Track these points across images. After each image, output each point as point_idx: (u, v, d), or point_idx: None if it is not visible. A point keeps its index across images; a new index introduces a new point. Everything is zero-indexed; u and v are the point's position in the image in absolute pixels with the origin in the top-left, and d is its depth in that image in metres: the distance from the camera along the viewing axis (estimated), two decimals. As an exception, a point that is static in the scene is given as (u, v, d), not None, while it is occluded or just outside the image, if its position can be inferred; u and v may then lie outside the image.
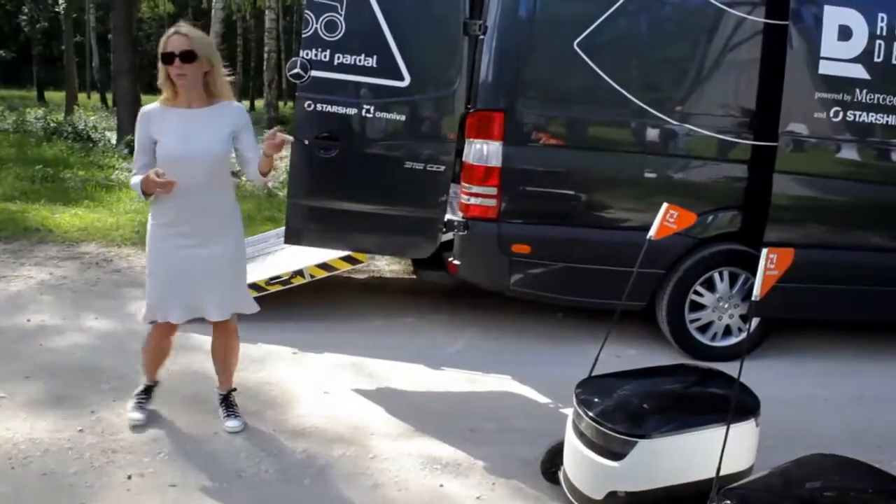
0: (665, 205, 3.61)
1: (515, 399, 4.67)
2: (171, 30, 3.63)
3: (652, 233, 3.60)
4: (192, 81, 3.61)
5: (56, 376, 4.38)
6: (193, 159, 3.61)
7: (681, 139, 5.26)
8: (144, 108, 3.75)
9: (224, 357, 4.13)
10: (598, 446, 3.13)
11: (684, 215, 3.60)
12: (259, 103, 31.20)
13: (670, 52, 5.28)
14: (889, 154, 5.39)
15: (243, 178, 9.53)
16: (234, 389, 4.20)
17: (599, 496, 3.12)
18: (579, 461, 3.24)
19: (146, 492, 3.43)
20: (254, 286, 5.52)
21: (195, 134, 3.64)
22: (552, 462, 3.53)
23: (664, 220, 3.59)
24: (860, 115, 5.17)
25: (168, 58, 3.55)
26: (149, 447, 3.79)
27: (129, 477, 3.52)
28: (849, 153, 5.35)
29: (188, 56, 3.53)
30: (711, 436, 2.97)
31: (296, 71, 4.93)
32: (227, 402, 4.14)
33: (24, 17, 36.18)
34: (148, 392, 4.15)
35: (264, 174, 3.83)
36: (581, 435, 3.23)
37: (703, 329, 5.46)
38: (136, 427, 3.96)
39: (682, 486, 3.06)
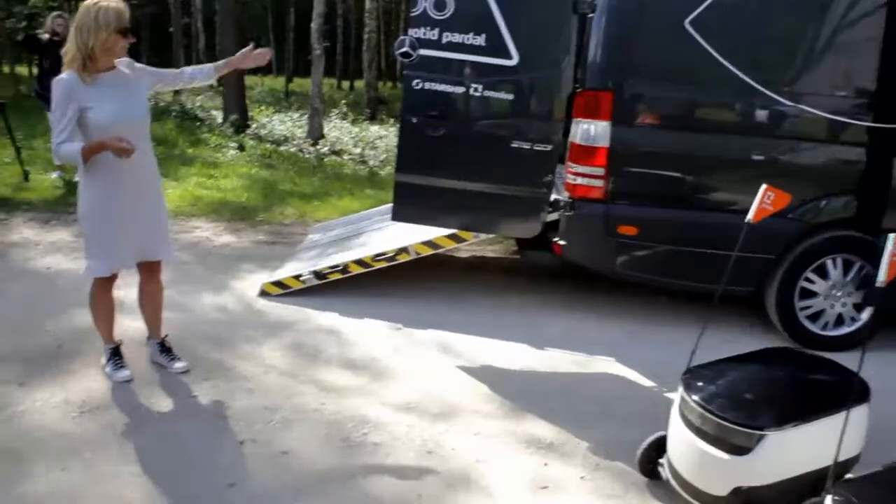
0: (763, 186, 3.53)
1: (619, 382, 4.64)
2: (118, 4, 3.84)
3: (750, 216, 3.53)
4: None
5: (177, 347, 4.53)
6: (125, 122, 3.87)
7: (795, 120, 5.09)
8: (63, 78, 3.83)
9: (154, 301, 4.41)
10: (718, 440, 3.01)
11: (780, 196, 3.52)
12: (359, 83, 31.51)
13: (786, 29, 5.12)
14: None
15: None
16: (167, 335, 4.48)
17: (723, 492, 3.01)
18: (694, 456, 3.12)
19: (258, 457, 3.54)
20: (360, 262, 5.65)
21: (121, 98, 3.88)
22: (650, 458, 3.45)
23: (762, 201, 3.52)
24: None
25: (127, 32, 3.88)
26: (260, 415, 3.91)
27: (242, 442, 3.65)
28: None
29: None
30: (830, 424, 2.89)
31: (404, 49, 4.97)
32: (168, 347, 4.45)
33: (135, 1, 37.34)
34: (117, 352, 4.32)
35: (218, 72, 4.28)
36: (695, 428, 3.11)
37: (814, 317, 5.30)
38: (126, 382, 4.17)
39: (800, 476, 2.98)
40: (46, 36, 8.86)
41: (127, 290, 4.60)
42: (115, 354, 4.31)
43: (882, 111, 5.01)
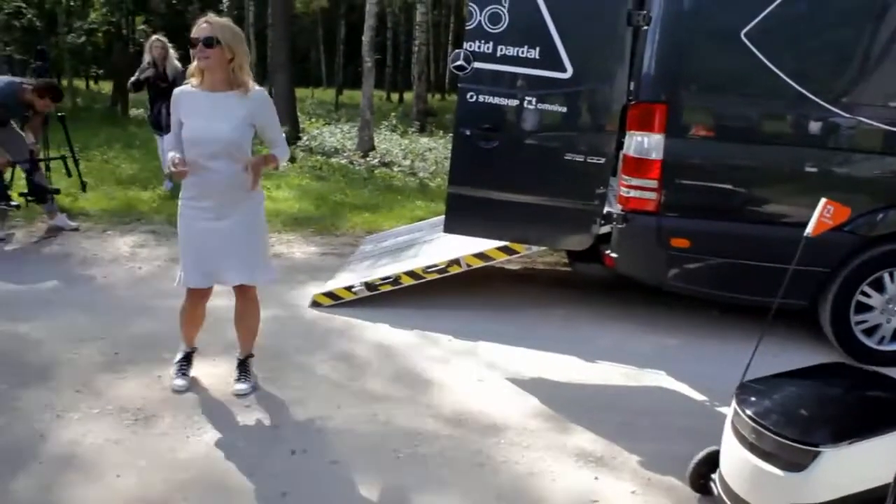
0: (823, 200, 3.48)
1: (670, 395, 4.60)
2: (201, 19, 3.90)
3: (809, 229, 3.48)
4: (213, 66, 3.85)
5: (231, 355, 4.60)
6: (210, 141, 3.87)
7: (851, 132, 5.03)
8: (176, 90, 4.03)
9: (242, 322, 4.37)
10: (773, 456, 2.96)
11: (839, 210, 3.47)
12: (408, 95, 31.68)
13: (841, 40, 5.05)
14: None
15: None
16: (252, 355, 4.43)
17: None
18: (747, 472, 3.07)
19: (309, 467, 3.58)
20: (411, 273, 5.69)
21: (214, 117, 3.88)
22: (701, 473, 3.42)
23: (821, 215, 3.47)
24: None
25: (193, 42, 3.84)
26: (311, 425, 3.97)
27: (294, 452, 3.68)
28: None
29: (209, 42, 3.79)
30: (888, 441, 2.85)
31: (459, 63, 5.01)
32: (242, 366, 4.39)
33: (189, 16, 38.02)
34: (188, 359, 4.43)
35: (275, 168, 4.25)
36: (749, 444, 3.06)
37: (870, 332, 5.22)
38: (180, 392, 4.23)
39: (857, 494, 2.92)
40: (150, 71, 9.19)
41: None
42: (184, 360, 4.40)
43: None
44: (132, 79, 9.51)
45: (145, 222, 8.21)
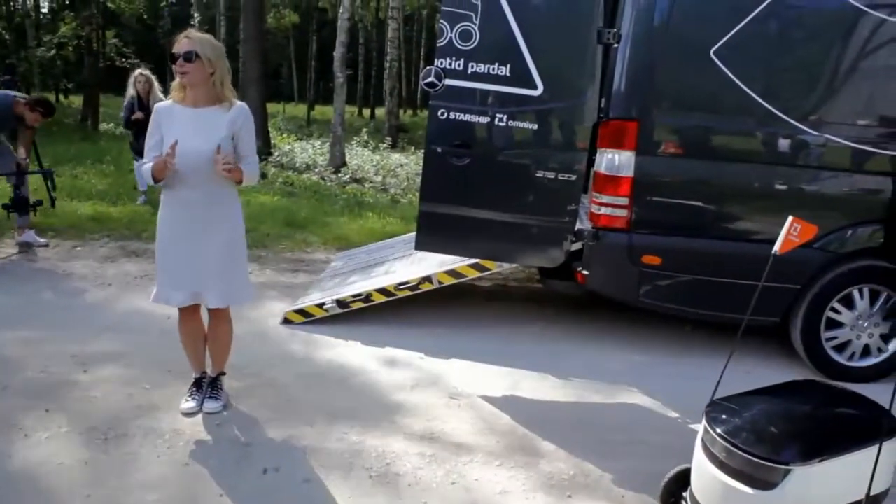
0: (790, 218, 3.51)
1: (643, 412, 4.60)
2: (181, 35, 3.90)
3: (776, 248, 3.51)
4: (194, 81, 3.85)
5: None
6: (191, 155, 3.81)
7: (820, 150, 5.07)
8: (157, 105, 4.03)
9: (216, 341, 4.31)
10: (743, 474, 2.95)
11: (806, 228, 3.50)
12: (380, 111, 31.72)
13: (810, 59, 5.10)
14: None
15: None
16: (224, 373, 4.39)
17: None
18: (719, 491, 3.05)
19: (281, 486, 3.55)
20: (383, 291, 5.67)
21: (196, 132, 3.86)
22: (672, 492, 3.40)
23: (788, 233, 3.50)
24: None
25: (173, 58, 3.84)
26: (283, 444, 3.92)
27: (265, 471, 3.64)
28: None
29: (189, 56, 3.79)
30: (860, 458, 2.85)
31: (430, 80, 5.01)
32: (214, 384, 4.34)
33: (161, 31, 37.87)
34: (198, 385, 4.33)
35: (238, 182, 4.03)
36: (719, 462, 3.05)
37: (840, 348, 5.25)
38: (189, 415, 4.16)
39: None
40: (139, 113, 9.18)
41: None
42: (193, 385, 4.33)
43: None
44: (123, 116, 9.54)
45: (116, 238, 8.13)
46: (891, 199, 5.08)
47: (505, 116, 5.04)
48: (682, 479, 3.35)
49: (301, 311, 5.74)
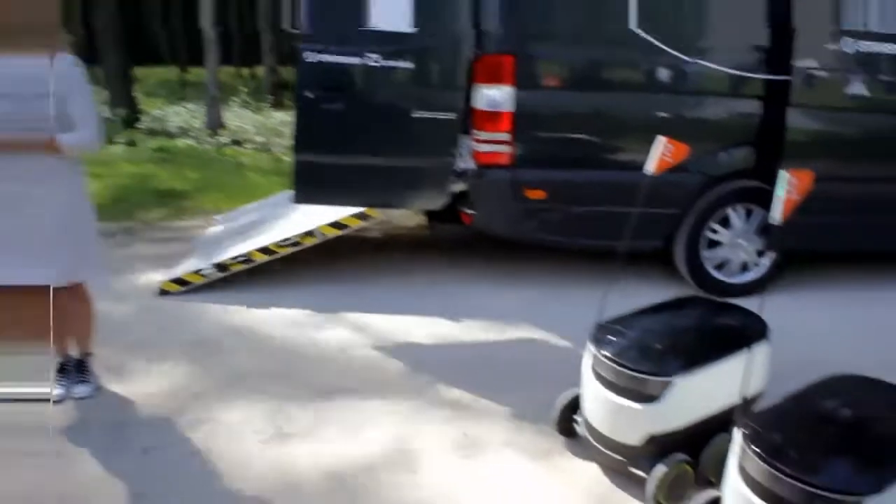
0: (661, 139, 3.56)
1: (537, 344, 4.64)
2: None
3: (650, 168, 3.57)
4: None
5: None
6: None
7: (694, 76, 5.16)
8: None
9: (74, 323, 3.93)
10: (629, 391, 3.06)
11: (679, 148, 3.59)
12: (260, 70, 30.61)
13: None
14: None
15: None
16: (90, 353, 4.02)
17: (637, 441, 3.05)
18: (607, 409, 3.16)
19: (165, 463, 3.37)
20: (264, 250, 5.45)
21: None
22: (565, 417, 3.46)
23: (661, 154, 3.57)
24: (873, 47, 5.11)
25: None
26: (164, 419, 3.73)
27: (146, 450, 3.45)
28: (861, 86, 5.23)
29: None
30: (734, 364, 3.00)
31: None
32: (81, 367, 3.99)
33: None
34: (62, 370, 3.97)
35: None
36: (606, 382, 3.15)
37: (720, 266, 5.43)
38: (58, 402, 3.80)
39: (710, 417, 3.06)
40: None
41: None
42: (59, 370, 3.94)
43: (775, 64, 5.11)
44: None
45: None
46: (761, 121, 5.23)
47: (379, 57, 4.90)
48: (574, 404, 3.42)
49: (178, 280, 5.41)
